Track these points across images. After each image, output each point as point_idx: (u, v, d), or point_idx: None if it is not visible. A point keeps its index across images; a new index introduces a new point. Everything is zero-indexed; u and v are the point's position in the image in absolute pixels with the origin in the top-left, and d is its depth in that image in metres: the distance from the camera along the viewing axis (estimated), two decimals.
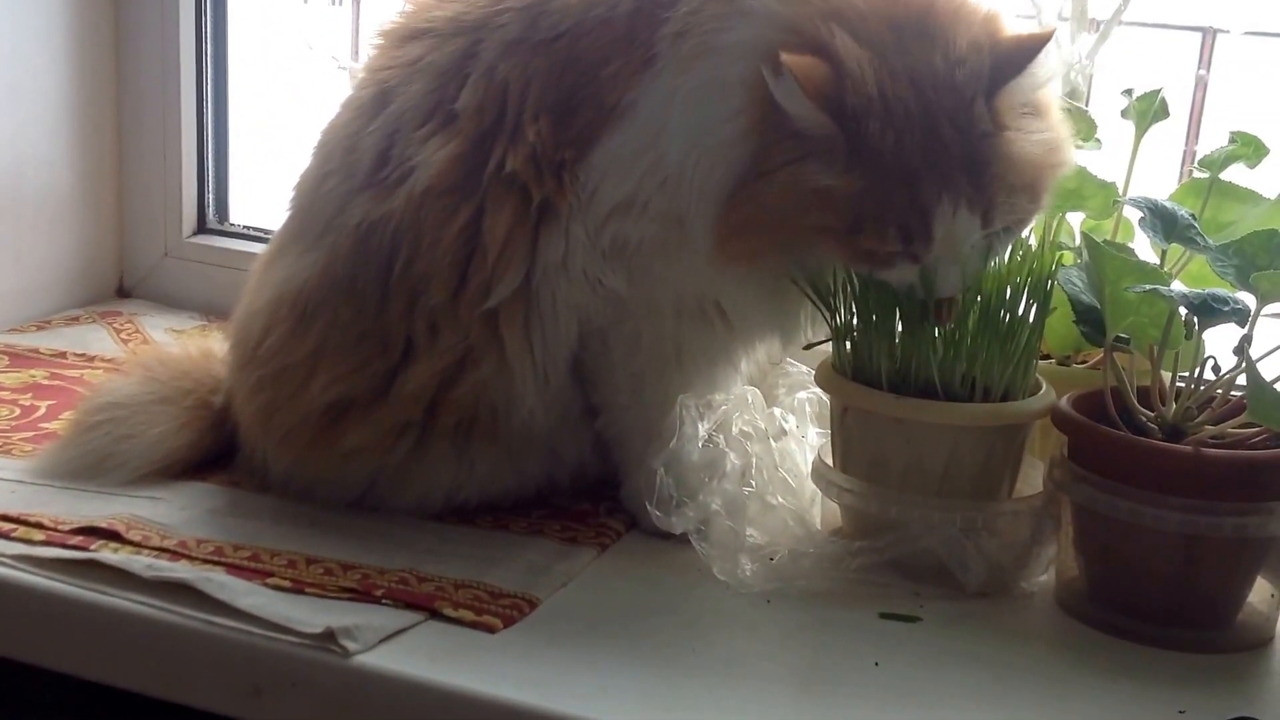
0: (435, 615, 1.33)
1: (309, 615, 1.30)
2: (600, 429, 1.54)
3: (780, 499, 1.47)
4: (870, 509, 1.44)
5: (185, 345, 1.82)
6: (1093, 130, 1.57)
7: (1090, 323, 1.40)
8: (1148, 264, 1.37)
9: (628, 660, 1.29)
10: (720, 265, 1.41)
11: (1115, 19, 1.72)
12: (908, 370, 1.42)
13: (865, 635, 1.35)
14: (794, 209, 1.35)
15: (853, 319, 1.44)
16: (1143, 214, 1.41)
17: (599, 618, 1.36)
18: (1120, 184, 1.55)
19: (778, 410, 1.56)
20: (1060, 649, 1.37)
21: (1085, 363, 1.59)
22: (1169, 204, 1.42)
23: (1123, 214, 1.56)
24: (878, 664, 1.30)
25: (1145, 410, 1.39)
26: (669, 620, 1.36)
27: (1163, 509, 1.32)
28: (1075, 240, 1.56)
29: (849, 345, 1.45)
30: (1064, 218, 1.57)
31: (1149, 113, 1.56)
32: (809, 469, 1.51)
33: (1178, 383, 1.40)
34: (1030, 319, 1.43)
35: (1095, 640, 1.37)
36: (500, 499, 1.53)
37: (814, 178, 1.33)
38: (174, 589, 1.34)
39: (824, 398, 1.55)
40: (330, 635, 1.27)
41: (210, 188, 2.25)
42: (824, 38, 1.33)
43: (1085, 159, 1.53)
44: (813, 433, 1.58)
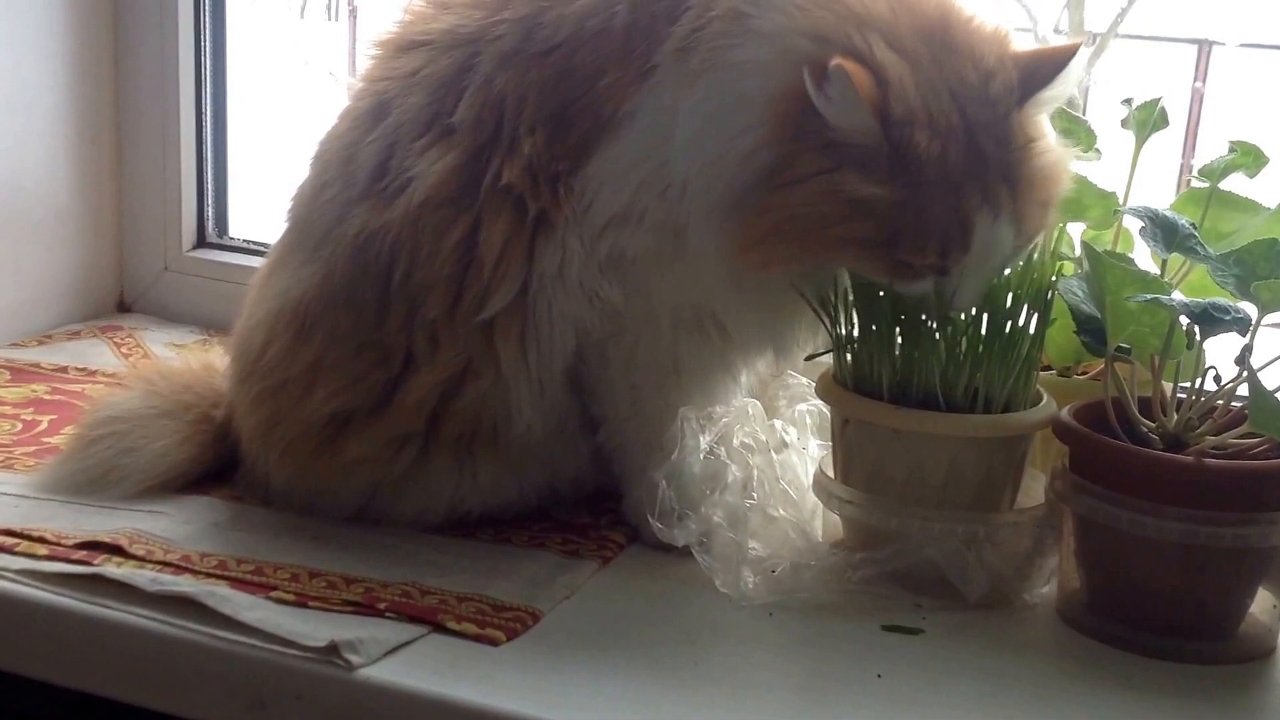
0: (438, 628, 1.33)
1: (313, 629, 1.30)
2: (601, 441, 1.54)
3: (782, 511, 1.47)
4: (871, 520, 1.44)
5: (186, 359, 1.83)
6: (1092, 141, 1.57)
7: (1091, 333, 1.41)
8: (1148, 274, 1.37)
9: (630, 673, 1.29)
10: (737, 274, 1.41)
11: (1111, 32, 1.72)
12: (909, 381, 1.42)
13: (867, 647, 1.35)
14: (826, 219, 1.34)
15: (853, 330, 1.45)
16: (1143, 223, 1.41)
17: (602, 630, 1.36)
18: (1120, 194, 1.55)
19: (779, 422, 1.56)
20: (1062, 660, 1.37)
21: (1086, 373, 1.59)
22: (1169, 213, 1.42)
23: (1123, 224, 1.56)
24: (880, 676, 1.30)
25: (1146, 421, 1.39)
26: (671, 633, 1.36)
27: (1164, 520, 1.32)
28: (1075, 250, 1.56)
29: (849, 356, 1.46)
30: (1064, 228, 1.57)
31: (1149, 122, 1.56)
32: (810, 481, 1.51)
33: (1179, 393, 1.40)
34: (1031, 329, 1.43)
35: (1097, 652, 1.37)
36: (502, 511, 1.53)
37: (852, 188, 1.33)
38: (178, 603, 1.34)
39: (825, 410, 1.55)
40: (334, 649, 1.27)
41: (210, 202, 2.26)
42: (858, 46, 1.33)
43: (1085, 169, 1.53)
44: (814, 444, 1.58)
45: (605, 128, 1.42)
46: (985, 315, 1.42)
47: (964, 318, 1.41)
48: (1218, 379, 1.40)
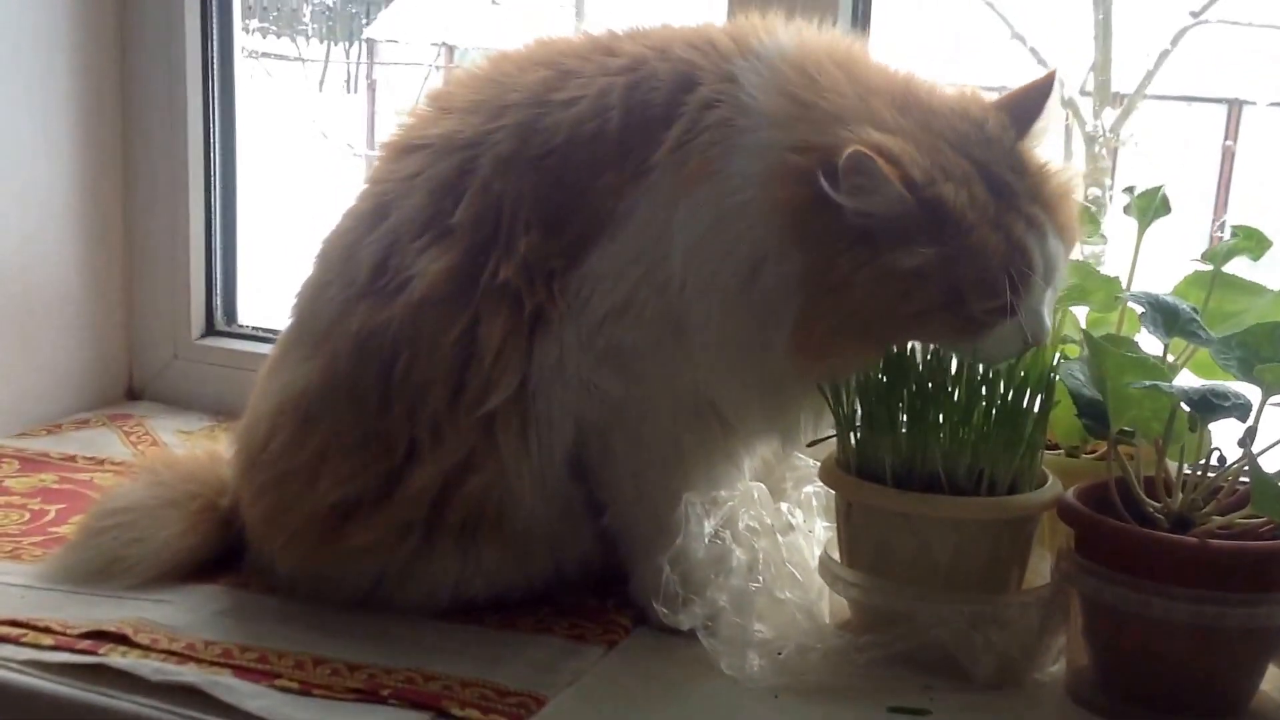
0: (442, 714, 1.32)
1: (316, 716, 1.30)
2: (606, 524, 1.54)
3: (788, 593, 1.47)
4: (877, 603, 1.44)
5: (192, 448, 1.83)
6: (1096, 226, 1.58)
7: (1093, 416, 1.41)
8: (1148, 359, 1.38)
9: None
10: (805, 376, 1.43)
11: (1139, 93, 1.73)
12: (912, 463, 1.43)
13: None
14: (888, 303, 1.36)
15: (856, 412, 1.45)
16: (1143, 309, 1.42)
17: (606, 715, 1.36)
18: (1124, 278, 1.56)
19: (785, 505, 1.57)
20: None
21: (1094, 453, 1.58)
22: (1170, 298, 1.43)
23: (1129, 307, 1.56)
24: None
25: (1152, 501, 1.39)
26: (676, 717, 1.36)
27: (1170, 600, 1.31)
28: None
29: (853, 439, 1.46)
30: (1069, 311, 1.57)
31: (1149, 209, 1.56)
32: (817, 563, 1.51)
33: (1184, 473, 1.40)
34: (1034, 411, 1.43)
35: None
36: (507, 595, 1.53)
37: (901, 263, 1.34)
38: (182, 692, 1.34)
39: (831, 491, 1.55)
40: None
41: (218, 290, 2.28)
42: (849, 139, 1.34)
43: (1089, 253, 1.54)
44: (820, 526, 1.58)
45: (603, 226, 1.45)
46: (986, 398, 1.42)
47: (966, 400, 1.41)
48: (1222, 460, 1.39)
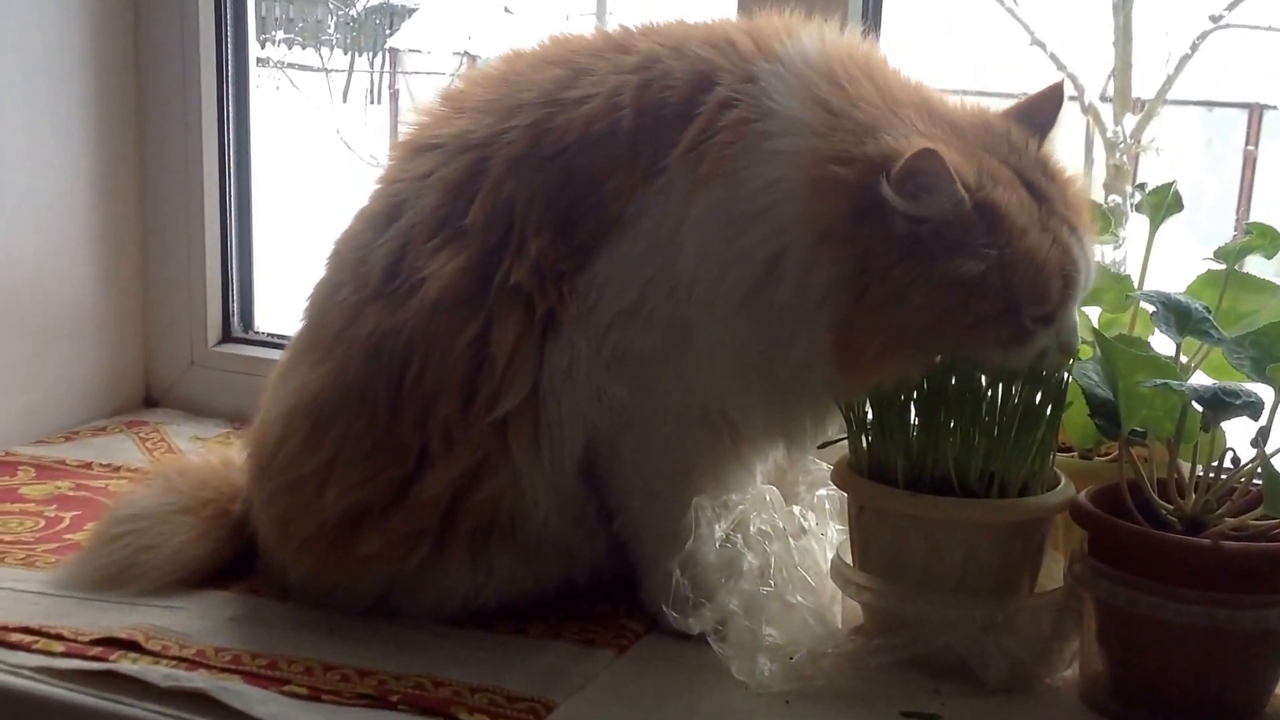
0: None
1: None
2: (617, 530, 1.54)
3: (800, 597, 1.46)
4: (889, 606, 1.43)
5: (206, 455, 1.83)
6: (1109, 225, 1.57)
7: (1105, 416, 1.40)
8: (1159, 358, 1.37)
9: None
10: (854, 383, 1.41)
11: (1160, 98, 1.72)
12: (923, 466, 1.42)
13: None
14: (947, 314, 1.35)
15: (867, 416, 1.44)
16: (1155, 309, 1.41)
17: None
18: (1136, 277, 1.55)
19: (797, 508, 1.56)
20: None
21: (1108, 455, 1.58)
22: (1182, 297, 1.42)
23: (1141, 307, 1.55)
24: None
25: (1165, 503, 1.38)
26: None
27: (1183, 603, 1.31)
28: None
29: (865, 442, 1.45)
30: (1081, 311, 1.56)
31: (1162, 206, 1.56)
32: (829, 566, 1.50)
33: (1197, 475, 1.39)
34: (1046, 413, 1.42)
35: None
36: (518, 602, 1.53)
37: (961, 271, 1.34)
38: (191, 698, 1.35)
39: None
40: None
41: (235, 298, 2.28)
42: (895, 147, 1.34)
43: (1110, 258, 1.54)
44: (833, 530, 1.57)
45: (612, 228, 1.44)
46: (997, 400, 1.41)
47: (977, 402, 1.41)
48: (1236, 460, 1.38)
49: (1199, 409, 1.34)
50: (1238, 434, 1.38)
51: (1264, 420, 1.32)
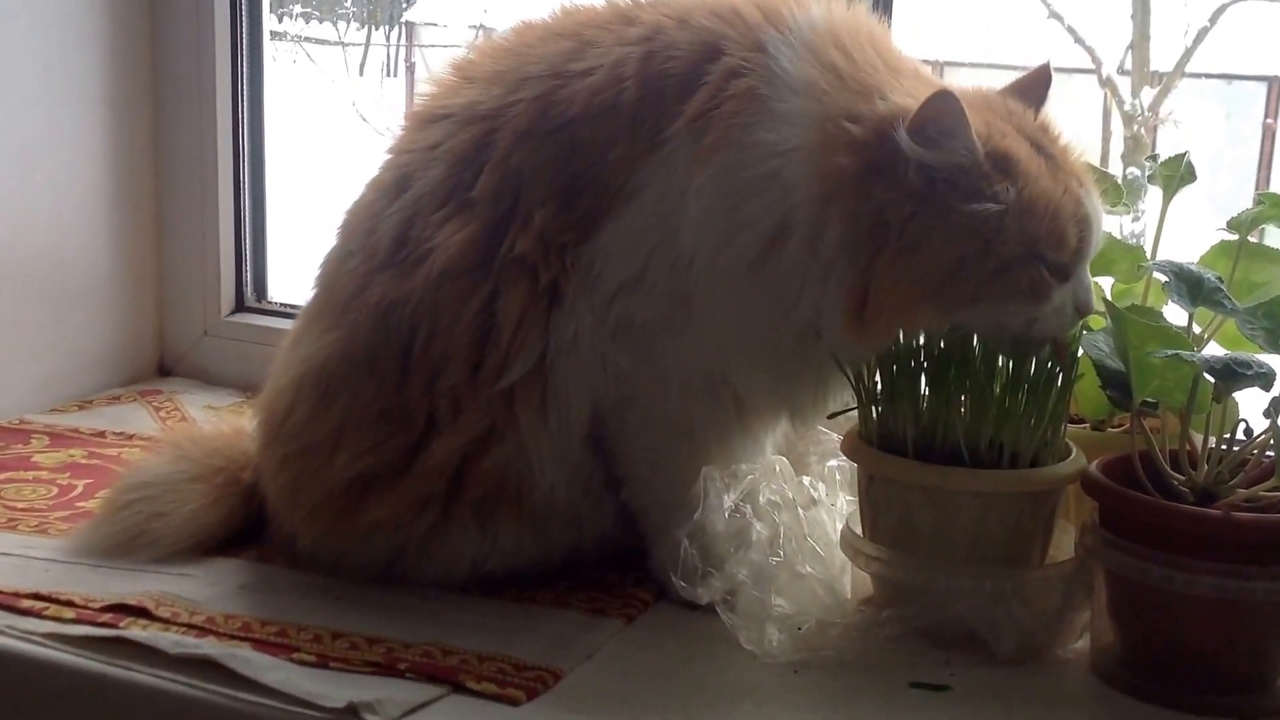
0: (459, 688, 1.33)
1: (332, 690, 1.30)
2: (625, 500, 1.54)
3: (809, 568, 1.46)
4: (898, 577, 1.43)
5: (217, 423, 1.84)
6: (1119, 195, 1.56)
7: (1116, 387, 1.39)
8: (1170, 328, 1.36)
9: None
10: (862, 351, 1.42)
11: (1178, 71, 1.71)
12: (933, 436, 1.42)
13: (893, 705, 1.34)
14: (968, 260, 1.35)
15: (877, 386, 1.44)
16: (1167, 278, 1.40)
17: (623, 689, 1.36)
18: (1147, 245, 1.54)
19: (807, 479, 1.55)
20: (1096, 717, 1.36)
21: (1119, 427, 1.57)
22: (1194, 267, 1.41)
23: (1153, 277, 1.54)
24: None
25: (1177, 475, 1.37)
26: (693, 691, 1.35)
27: (1194, 575, 1.30)
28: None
29: (874, 412, 1.45)
30: (1093, 281, 1.55)
31: (1175, 177, 1.55)
32: (839, 537, 1.50)
33: (1209, 446, 1.38)
34: (1057, 383, 1.42)
35: (1132, 709, 1.35)
36: (526, 570, 1.53)
37: (980, 215, 1.34)
38: (200, 665, 1.35)
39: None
40: (352, 710, 1.27)
41: (248, 267, 2.28)
42: (895, 108, 1.36)
43: (1109, 221, 1.53)
44: (843, 500, 1.56)
45: (614, 199, 1.44)
46: (1008, 369, 1.41)
47: (987, 371, 1.40)
48: (1248, 431, 1.38)
49: (1211, 380, 1.33)
50: (1250, 405, 1.38)
51: (1276, 391, 1.31)
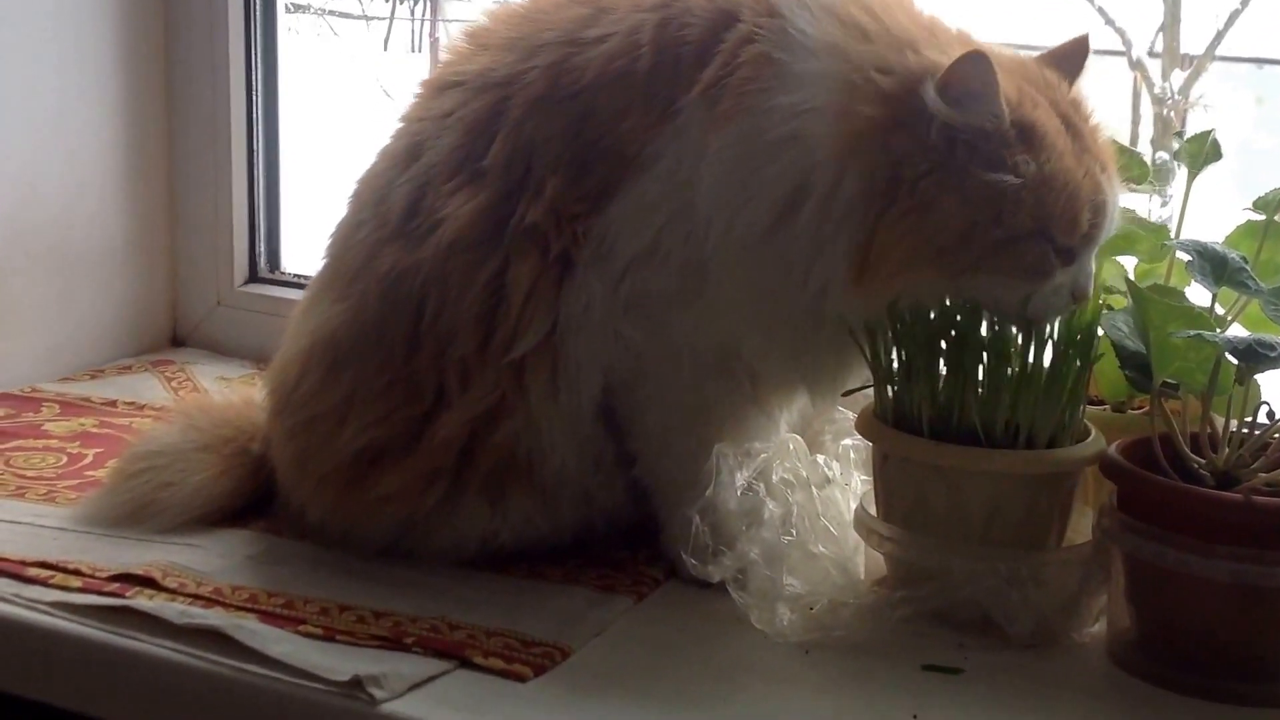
0: (465, 663, 1.32)
1: (338, 663, 1.29)
2: (636, 476, 1.52)
3: (822, 547, 1.45)
4: (912, 558, 1.41)
5: (227, 393, 1.83)
6: (1146, 173, 1.54)
7: (1136, 368, 1.38)
8: (1193, 308, 1.34)
9: (659, 711, 1.27)
10: (868, 299, 1.39)
11: (1209, 54, 1.70)
12: (949, 416, 1.40)
13: (905, 687, 1.32)
14: (979, 226, 1.33)
15: (894, 364, 1.42)
16: (1191, 258, 1.38)
17: (632, 667, 1.35)
18: (1173, 226, 1.52)
19: (821, 458, 1.54)
20: (1111, 703, 1.34)
21: (1139, 408, 1.55)
22: (1219, 247, 1.39)
23: (1176, 256, 1.53)
24: (915, 717, 1.27)
25: (1197, 458, 1.36)
26: (703, 670, 1.34)
27: (1212, 559, 1.28)
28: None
29: (890, 391, 1.43)
30: (1115, 260, 1.54)
31: (1200, 155, 1.53)
32: (853, 516, 1.48)
33: (1231, 429, 1.36)
34: (1075, 363, 1.40)
35: (1148, 694, 1.34)
36: (535, 546, 1.51)
37: (998, 183, 1.32)
38: (206, 636, 1.34)
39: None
40: (358, 683, 1.26)
41: (261, 238, 2.27)
42: (933, 59, 1.34)
43: (1135, 201, 1.51)
44: (858, 480, 1.55)
45: (628, 169, 1.43)
46: (1026, 349, 1.39)
47: (1005, 351, 1.39)
48: (1271, 414, 1.36)
49: (1233, 361, 1.31)
50: (1273, 388, 1.37)
51: None
